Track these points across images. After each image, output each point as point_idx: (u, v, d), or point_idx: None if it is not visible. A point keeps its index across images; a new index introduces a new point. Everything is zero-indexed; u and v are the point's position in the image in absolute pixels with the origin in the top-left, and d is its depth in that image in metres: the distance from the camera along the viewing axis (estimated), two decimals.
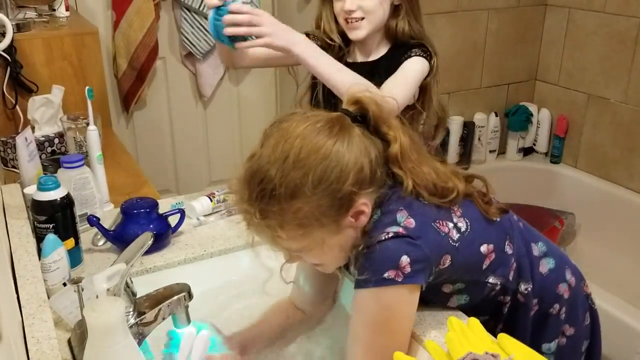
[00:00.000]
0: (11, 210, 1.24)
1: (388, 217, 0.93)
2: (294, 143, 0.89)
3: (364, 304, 0.94)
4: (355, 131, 0.93)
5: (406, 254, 0.90)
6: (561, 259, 1.13)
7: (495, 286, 1.02)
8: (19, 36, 1.84)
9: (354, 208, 0.91)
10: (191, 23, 2.57)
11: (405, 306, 0.94)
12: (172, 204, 1.42)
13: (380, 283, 0.90)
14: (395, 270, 0.90)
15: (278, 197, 0.87)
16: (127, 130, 2.70)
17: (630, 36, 2.49)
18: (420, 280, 0.92)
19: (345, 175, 0.89)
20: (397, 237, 0.91)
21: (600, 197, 2.66)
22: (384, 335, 0.94)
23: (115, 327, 0.76)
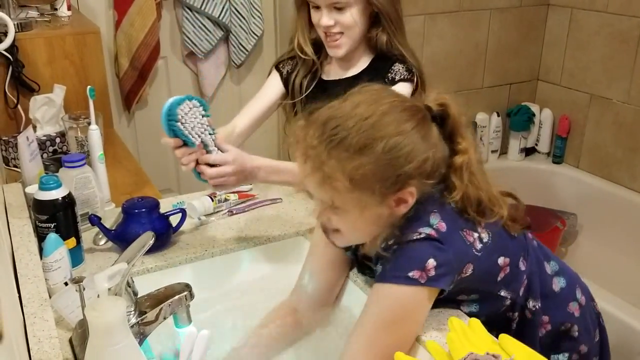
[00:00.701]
0: (13, 210, 1.25)
1: (422, 218, 0.94)
2: (378, 108, 0.92)
3: (381, 298, 0.95)
4: (433, 128, 0.95)
5: (433, 257, 0.91)
6: (572, 278, 1.14)
7: (506, 300, 1.04)
8: (20, 35, 1.84)
9: (402, 192, 0.92)
10: (193, 22, 2.57)
11: (420, 309, 0.95)
12: (173, 203, 1.42)
13: (402, 281, 0.91)
14: (421, 271, 0.91)
15: (347, 146, 0.89)
16: (128, 129, 2.70)
17: (632, 36, 2.48)
18: (442, 285, 0.93)
19: (411, 158, 0.90)
20: (428, 240, 0.92)
21: (602, 198, 2.65)
22: (391, 334, 0.94)
23: (116, 326, 0.76)
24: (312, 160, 0.92)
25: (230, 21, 2.61)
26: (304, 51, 1.42)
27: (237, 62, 2.71)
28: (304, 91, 1.45)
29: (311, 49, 1.42)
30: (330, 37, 1.34)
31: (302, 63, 1.44)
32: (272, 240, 1.33)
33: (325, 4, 1.31)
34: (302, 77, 1.45)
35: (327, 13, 1.31)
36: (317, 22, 1.35)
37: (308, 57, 1.42)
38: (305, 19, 1.39)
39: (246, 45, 2.68)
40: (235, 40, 2.66)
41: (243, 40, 2.67)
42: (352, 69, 1.42)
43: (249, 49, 2.69)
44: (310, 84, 1.45)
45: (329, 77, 1.45)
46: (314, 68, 1.44)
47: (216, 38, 2.62)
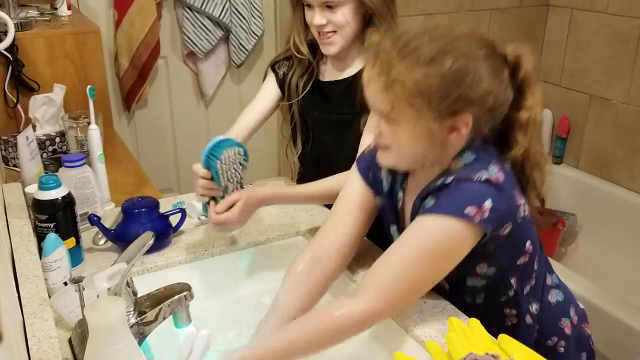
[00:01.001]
0: (12, 209, 1.24)
1: (481, 164, 0.95)
2: (455, 31, 0.94)
3: (430, 228, 0.94)
4: (505, 70, 0.96)
5: (491, 199, 0.92)
6: (569, 296, 1.15)
7: (510, 291, 1.03)
8: (20, 35, 1.84)
9: (458, 118, 0.92)
10: (193, 22, 2.57)
11: (464, 247, 0.94)
12: (173, 203, 1.42)
13: (458, 214, 0.91)
14: (477, 209, 0.91)
15: (418, 55, 0.90)
16: (128, 129, 2.70)
17: (632, 37, 2.48)
18: (489, 229, 0.93)
19: (476, 83, 0.91)
20: (488, 183, 0.93)
21: (602, 198, 2.65)
22: (431, 265, 0.94)
23: (116, 326, 0.76)
24: (381, 63, 0.93)
25: (231, 21, 2.61)
26: (299, 51, 1.42)
27: (237, 62, 2.72)
28: (300, 92, 1.45)
29: (307, 49, 1.42)
30: (323, 35, 1.35)
31: (298, 63, 1.45)
32: (272, 240, 1.33)
33: (317, 3, 1.31)
34: (298, 77, 1.45)
35: (319, 12, 1.32)
36: (310, 21, 1.36)
37: (304, 57, 1.43)
38: (300, 19, 1.40)
39: (246, 45, 2.68)
40: (235, 40, 2.66)
41: (243, 40, 2.67)
42: (348, 69, 1.42)
43: (249, 48, 2.69)
44: (307, 85, 1.45)
45: (324, 78, 1.45)
46: (310, 68, 1.44)
47: (216, 38, 2.62)
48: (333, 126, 1.44)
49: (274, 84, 1.49)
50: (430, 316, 1.03)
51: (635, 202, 2.54)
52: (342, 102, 1.42)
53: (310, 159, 1.54)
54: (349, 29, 1.34)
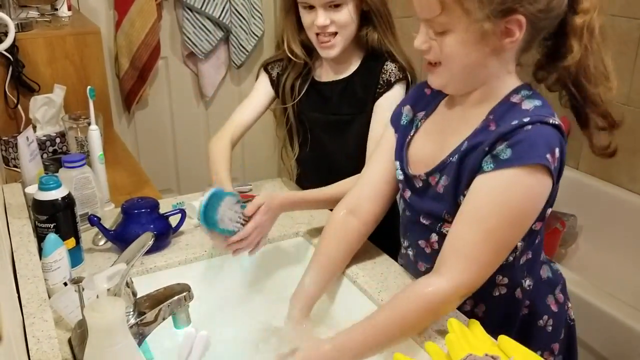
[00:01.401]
0: (12, 210, 1.25)
1: (548, 110, 0.92)
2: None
3: (509, 184, 0.88)
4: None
5: (559, 148, 0.89)
6: (557, 275, 1.14)
7: (510, 255, 1.00)
8: (21, 35, 1.85)
9: (511, 19, 0.86)
10: (193, 23, 2.57)
11: (543, 198, 0.91)
12: (172, 204, 1.42)
13: (542, 160, 0.87)
14: (552, 156, 0.88)
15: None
16: (128, 129, 2.70)
17: (632, 38, 2.48)
18: (556, 180, 0.90)
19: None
20: (558, 130, 0.90)
21: (602, 199, 2.65)
22: (512, 225, 0.90)
23: (116, 327, 0.76)
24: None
25: (231, 22, 2.62)
26: (294, 53, 1.39)
27: (237, 63, 2.72)
28: (296, 94, 1.43)
29: (302, 50, 1.39)
30: (323, 37, 1.32)
31: (293, 66, 1.42)
32: (272, 241, 1.33)
33: (320, 3, 1.28)
34: (293, 79, 1.42)
35: (322, 12, 1.28)
36: (309, 23, 1.31)
37: (299, 59, 1.40)
38: (294, 21, 1.37)
39: (246, 46, 2.69)
40: (235, 40, 2.66)
41: (243, 40, 2.67)
42: (344, 70, 1.41)
43: (249, 49, 2.70)
44: (303, 87, 1.43)
45: (321, 78, 1.44)
46: (306, 70, 1.43)
47: (216, 38, 2.62)
48: (332, 127, 1.43)
49: (267, 83, 1.47)
50: None
51: (635, 204, 2.53)
52: (340, 102, 1.41)
53: (308, 161, 1.53)
54: (351, 28, 1.32)
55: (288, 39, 1.39)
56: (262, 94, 1.47)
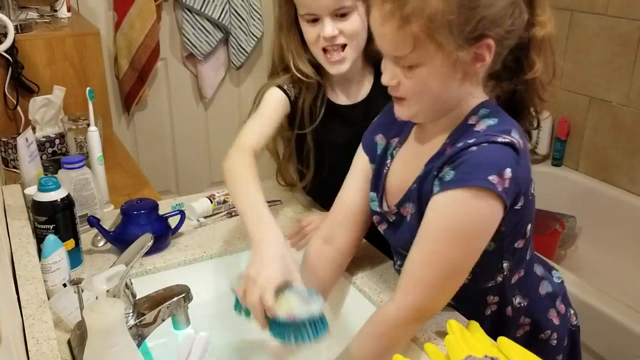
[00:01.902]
0: (12, 211, 1.25)
1: (504, 126, 0.90)
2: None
3: (452, 206, 0.88)
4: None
5: (511, 168, 0.87)
6: (557, 287, 1.12)
7: (498, 276, 1.00)
8: (20, 37, 1.85)
9: (481, 44, 0.87)
10: (192, 24, 2.57)
11: (491, 221, 0.89)
12: (172, 205, 1.42)
13: (482, 183, 0.85)
14: (499, 178, 0.86)
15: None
16: (127, 131, 2.70)
17: (632, 39, 2.48)
18: (508, 202, 0.87)
19: (493, 2, 0.85)
20: (511, 148, 0.88)
21: (602, 200, 2.65)
22: (458, 247, 0.89)
23: (115, 328, 0.76)
24: (389, 4, 0.86)
25: (230, 23, 2.62)
26: (304, 73, 1.26)
27: (237, 64, 2.72)
28: (315, 117, 1.30)
29: (312, 69, 1.26)
30: (331, 51, 1.21)
31: (307, 87, 1.28)
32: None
33: (327, 12, 1.17)
34: (310, 102, 1.29)
35: (329, 22, 1.17)
36: (315, 37, 1.20)
37: (311, 79, 1.27)
38: (297, 39, 1.25)
39: (246, 47, 2.69)
40: (234, 41, 2.66)
41: (243, 41, 2.67)
42: (357, 91, 1.32)
43: (249, 50, 2.70)
44: (321, 109, 1.30)
45: (338, 101, 1.32)
46: (321, 90, 1.30)
47: (216, 40, 2.62)
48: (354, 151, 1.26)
49: (285, 99, 1.29)
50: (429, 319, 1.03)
51: (634, 205, 2.54)
52: (365, 125, 1.22)
53: (323, 186, 1.39)
54: (362, 37, 1.22)
55: (294, 58, 1.26)
56: (281, 110, 1.29)
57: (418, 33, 0.85)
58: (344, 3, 1.16)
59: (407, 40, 0.86)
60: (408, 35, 0.85)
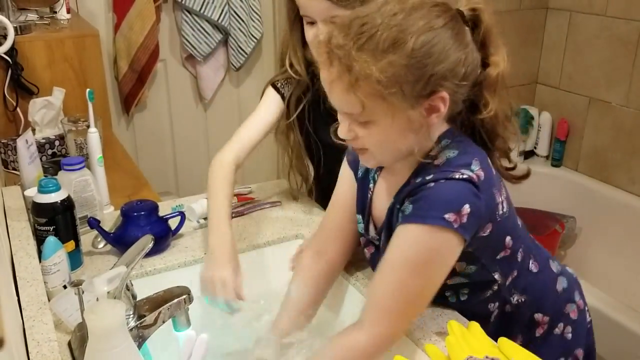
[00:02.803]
0: (12, 213, 1.24)
1: (463, 159, 0.91)
2: (406, 4, 0.87)
3: (411, 240, 0.90)
4: (466, 30, 0.91)
5: (469, 204, 0.88)
6: (572, 281, 1.13)
7: (493, 285, 1.02)
8: (20, 38, 1.85)
9: (434, 98, 0.87)
10: (192, 25, 2.57)
11: (451, 254, 0.91)
12: (172, 206, 1.42)
13: (438, 222, 0.87)
14: (456, 215, 0.87)
15: (376, 43, 0.84)
16: (127, 132, 2.70)
17: (631, 40, 2.49)
18: (467, 235, 0.90)
19: (444, 57, 0.86)
20: (469, 182, 0.89)
21: (601, 201, 2.65)
22: (420, 277, 0.91)
23: (116, 330, 0.76)
24: (338, 62, 0.85)
25: (230, 24, 2.62)
26: (294, 69, 1.31)
27: (236, 65, 2.72)
28: (306, 113, 1.35)
29: (303, 68, 1.31)
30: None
31: (297, 83, 1.33)
32: (271, 243, 1.33)
33: (321, 18, 1.18)
34: (296, 97, 1.34)
35: (322, 27, 1.19)
36: (311, 39, 1.22)
37: (299, 77, 1.31)
38: (298, 37, 1.28)
39: (245, 48, 2.69)
40: (234, 43, 2.66)
41: (242, 43, 2.67)
42: None
43: (248, 51, 2.70)
44: (310, 107, 1.35)
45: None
46: (313, 89, 1.33)
47: (215, 41, 2.62)
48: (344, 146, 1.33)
49: (278, 99, 1.36)
50: (429, 319, 1.03)
51: (634, 205, 2.54)
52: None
53: (323, 188, 1.45)
54: None
55: (290, 55, 1.31)
56: (272, 109, 1.36)
57: (366, 97, 0.86)
58: (336, 12, 1.14)
59: (356, 103, 0.87)
60: (356, 99, 0.86)
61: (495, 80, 0.93)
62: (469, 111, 0.96)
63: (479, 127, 0.97)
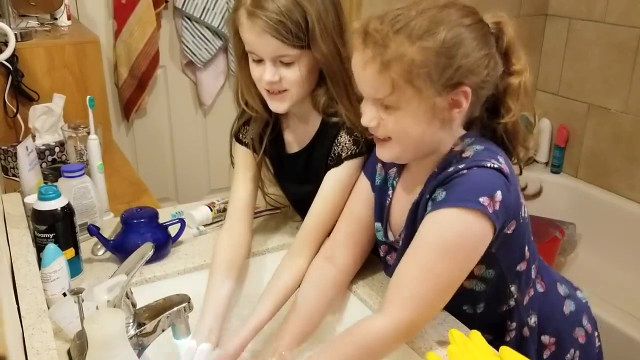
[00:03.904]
0: (12, 220, 1.24)
1: (490, 154, 0.93)
2: (438, 3, 0.92)
3: (445, 222, 0.90)
4: (490, 37, 0.94)
5: (501, 191, 0.89)
6: (580, 304, 1.14)
7: (510, 300, 1.02)
8: (20, 45, 1.85)
9: (458, 91, 0.90)
10: (192, 32, 2.57)
11: (482, 239, 0.90)
12: (172, 213, 1.42)
13: (473, 204, 0.88)
14: (490, 199, 0.88)
15: (410, 29, 0.88)
16: (127, 138, 2.70)
17: (630, 46, 2.49)
18: (498, 223, 0.90)
19: (470, 51, 0.90)
20: (499, 172, 0.91)
21: (601, 207, 2.65)
22: (450, 261, 0.90)
23: (115, 338, 0.76)
24: (373, 44, 0.89)
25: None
26: (250, 106, 1.23)
27: None
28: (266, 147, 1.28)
29: (261, 106, 1.22)
30: (273, 93, 1.15)
31: (254, 120, 1.26)
32: (272, 250, 1.33)
33: (269, 57, 1.10)
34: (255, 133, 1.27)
35: (270, 67, 1.11)
36: (258, 77, 1.14)
37: (255, 113, 1.23)
38: (248, 73, 1.17)
39: None
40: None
41: None
42: (305, 133, 1.25)
43: None
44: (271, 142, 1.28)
45: (288, 150, 1.29)
46: (270, 123, 1.26)
47: (215, 47, 2.62)
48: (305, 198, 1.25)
49: (246, 152, 1.29)
50: (431, 328, 1.03)
51: (634, 211, 2.54)
52: (307, 173, 1.25)
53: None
54: (303, 87, 1.15)
55: (242, 92, 1.23)
56: (249, 164, 1.29)
57: (397, 78, 0.88)
58: (286, 52, 1.09)
59: (387, 83, 0.89)
60: (388, 79, 0.89)
61: (518, 87, 0.97)
62: (491, 117, 0.99)
63: (501, 132, 0.99)
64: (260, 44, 1.09)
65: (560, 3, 2.78)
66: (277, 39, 1.07)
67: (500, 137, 1.00)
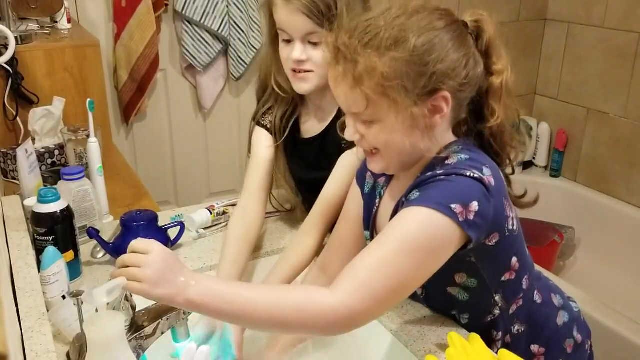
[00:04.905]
0: (11, 222, 1.24)
1: (475, 163, 0.91)
2: (408, 8, 0.91)
3: (411, 220, 0.87)
4: (468, 37, 0.93)
5: (478, 201, 0.87)
6: (574, 316, 1.13)
7: (494, 309, 1.01)
8: (20, 48, 1.85)
9: (436, 98, 0.89)
10: (192, 36, 2.58)
11: (448, 247, 0.88)
12: (171, 216, 1.42)
13: (443, 209, 0.85)
14: (463, 208, 0.86)
15: (380, 41, 0.87)
16: (127, 141, 2.70)
17: (629, 51, 2.50)
18: (473, 235, 0.87)
19: (444, 56, 0.88)
20: (480, 183, 0.88)
21: (600, 212, 2.66)
22: (410, 260, 0.86)
23: (115, 341, 0.76)
24: (343, 59, 0.89)
25: (230, 34, 2.63)
26: (281, 87, 1.29)
27: (236, 75, 2.72)
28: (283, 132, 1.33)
29: (290, 86, 1.27)
30: (299, 72, 1.21)
31: (280, 102, 1.31)
32: (271, 253, 1.33)
33: (299, 36, 1.17)
34: (280, 116, 1.32)
35: (300, 45, 1.18)
36: (286, 57, 1.21)
37: (287, 94, 1.29)
38: (278, 56, 1.24)
39: (245, 58, 2.70)
40: (234, 53, 2.67)
41: (242, 53, 2.68)
42: (325, 116, 1.30)
43: (248, 62, 2.70)
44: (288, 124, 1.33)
45: (303, 135, 1.34)
46: (291, 108, 1.32)
47: (215, 51, 2.63)
48: (313, 185, 1.31)
49: (267, 136, 1.34)
50: (429, 331, 1.03)
51: (632, 216, 2.54)
52: (319, 158, 1.31)
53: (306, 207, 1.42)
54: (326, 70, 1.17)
55: (274, 73, 1.29)
56: (265, 149, 1.33)
57: (371, 92, 0.88)
58: (315, 29, 1.15)
59: (361, 98, 0.89)
60: (361, 95, 0.88)
61: (499, 87, 0.95)
62: (476, 121, 0.97)
63: (488, 136, 0.98)
64: (294, 22, 1.16)
65: (559, 8, 2.79)
66: (309, 18, 1.14)
67: (487, 141, 0.99)
